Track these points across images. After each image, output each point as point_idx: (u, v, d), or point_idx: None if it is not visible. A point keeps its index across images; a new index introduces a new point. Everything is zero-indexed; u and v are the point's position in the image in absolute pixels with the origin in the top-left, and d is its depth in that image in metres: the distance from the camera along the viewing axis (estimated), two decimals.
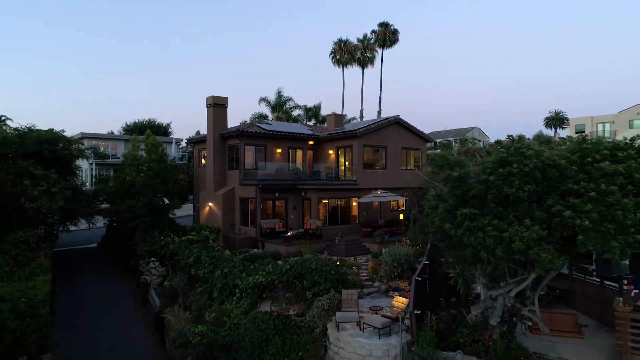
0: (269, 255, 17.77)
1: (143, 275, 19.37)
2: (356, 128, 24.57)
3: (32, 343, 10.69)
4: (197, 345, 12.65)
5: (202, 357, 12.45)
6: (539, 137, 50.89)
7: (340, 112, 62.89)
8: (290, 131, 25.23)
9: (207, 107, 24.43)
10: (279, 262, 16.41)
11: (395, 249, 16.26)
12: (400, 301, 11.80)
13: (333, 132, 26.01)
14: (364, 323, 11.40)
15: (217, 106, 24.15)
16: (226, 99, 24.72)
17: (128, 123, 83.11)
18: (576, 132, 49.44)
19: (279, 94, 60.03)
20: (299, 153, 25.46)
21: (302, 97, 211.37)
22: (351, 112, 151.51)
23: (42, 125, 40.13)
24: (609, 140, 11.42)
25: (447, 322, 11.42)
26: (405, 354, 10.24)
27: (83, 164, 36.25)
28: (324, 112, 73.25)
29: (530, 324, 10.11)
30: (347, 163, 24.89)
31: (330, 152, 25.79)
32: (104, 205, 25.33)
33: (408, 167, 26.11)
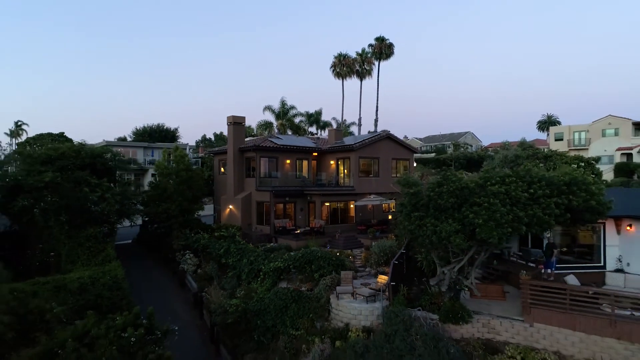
0: (282, 248, 22.32)
1: (180, 264, 23.98)
2: (353, 142, 29.17)
3: (124, 306, 15.24)
4: (234, 312, 17.20)
5: (238, 320, 17.03)
6: (522, 144, 55.31)
7: (340, 119, 67.62)
8: (297, 145, 29.82)
9: (227, 125, 29.03)
10: (291, 253, 20.99)
11: (382, 243, 20.84)
12: (382, 278, 16.37)
13: (333, 145, 30.60)
14: (356, 293, 15.98)
15: (236, 124, 28.77)
16: (243, 117, 29.34)
17: (137, 127, 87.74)
18: (555, 140, 54.09)
19: (283, 103, 64.59)
20: (305, 163, 30.05)
21: (304, 103, 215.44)
22: (351, 117, 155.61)
23: (53, 129, 44.56)
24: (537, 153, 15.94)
25: (416, 292, 15.96)
26: (384, 312, 14.79)
27: None
28: (324, 117, 78.01)
29: (467, 290, 14.68)
30: (345, 171, 29.46)
31: (331, 162, 30.37)
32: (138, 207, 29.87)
33: (397, 175, 30.64)
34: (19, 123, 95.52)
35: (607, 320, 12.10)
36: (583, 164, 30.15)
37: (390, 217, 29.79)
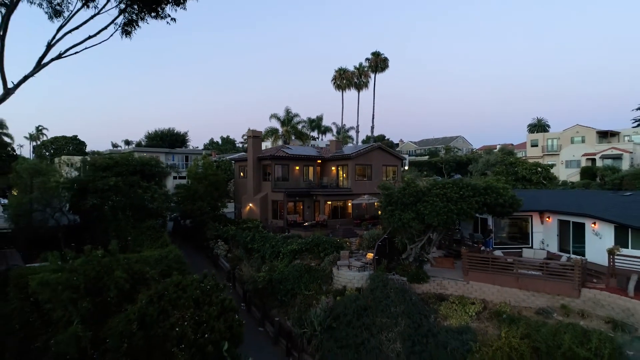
0: (295, 236, 28.74)
1: (214, 250, 30.43)
2: (350, 152, 35.63)
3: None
4: (262, 281, 23.60)
5: (265, 287, 23.44)
6: (503, 149, 61.80)
7: (340, 123, 74.12)
8: (304, 154, 36.29)
9: (247, 137, 35.49)
10: (302, 239, 27.39)
11: (372, 232, 27.27)
12: (370, 255, 22.81)
13: (334, 154, 37.06)
14: (351, 266, 22.41)
15: (255, 137, 35.26)
16: (260, 132, 35.86)
17: (150, 132, 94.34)
18: (531, 146, 60.58)
19: (287, 112, 71.07)
20: (311, 169, 36.50)
21: (304, 104, 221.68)
22: (350, 121, 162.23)
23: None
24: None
25: (393, 264, 22.40)
26: (370, 277, 21.21)
27: None
28: (325, 122, 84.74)
29: (428, 262, 21.13)
30: (344, 176, 35.88)
31: (332, 168, 36.81)
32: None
33: (386, 178, 37.09)
34: (40, 127, 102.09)
35: (514, 277, 18.56)
36: (540, 169, 36.58)
37: (380, 212, 36.31)
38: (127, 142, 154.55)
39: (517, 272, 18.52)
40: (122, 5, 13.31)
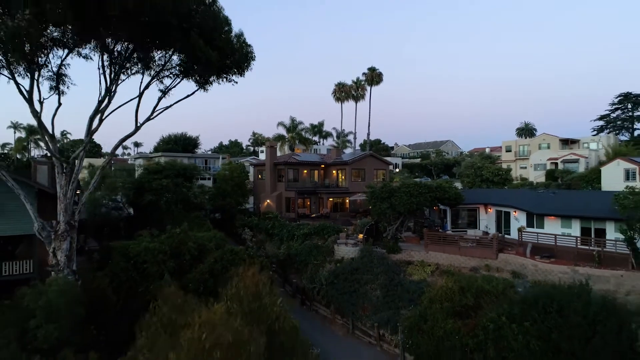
0: (305, 224, 37.49)
1: (242, 236, 39.24)
2: (347, 159, 44.41)
3: None
4: (282, 254, 32.38)
5: (285, 259, 32.21)
6: (482, 154, 70.45)
7: (339, 128, 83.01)
8: (310, 160, 45.09)
9: (265, 147, 44.25)
10: (310, 226, 36.14)
11: (363, 220, 36.03)
12: (360, 236, 31.60)
13: (334, 160, 45.85)
14: (347, 243, 31.19)
15: (272, 147, 44.09)
16: (276, 143, 44.63)
17: (164, 136, 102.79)
18: (506, 151, 69.36)
19: (293, 120, 79.92)
20: (316, 172, 45.27)
21: (308, 116, 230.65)
22: (349, 126, 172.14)
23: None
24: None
25: (378, 242, 31.16)
26: (360, 250, 29.94)
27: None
28: (326, 127, 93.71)
29: (400, 238, 29.93)
30: (342, 177, 44.60)
31: (333, 171, 45.57)
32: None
33: (377, 180, 45.82)
34: (64, 132, 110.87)
35: (457, 247, 27.33)
36: (501, 172, 45.40)
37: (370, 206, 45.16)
38: (137, 144, 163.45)
39: (459, 245, 27.32)
40: (204, 80, 22.05)
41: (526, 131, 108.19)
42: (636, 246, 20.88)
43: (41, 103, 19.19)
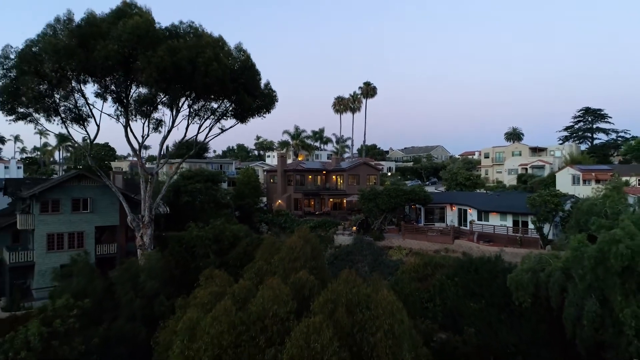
0: (310, 220, 46.80)
1: (259, 229, 48.58)
2: (345, 167, 53.80)
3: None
4: None
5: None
6: (464, 160, 79.85)
7: (338, 134, 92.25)
8: (314, 167, 54.47)
9: (277, 157, 53.61)
10: (314, 221, 45.42)
11: (356, 217, 45.35)
12: (354, 229, 40.97)
13: (334, 167, 55.23)
14: (344, 233, 40.54)
15: (282, 157, 53.46)
16: (285, 152, 53.86)
17: (176, 141, 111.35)
18: (484, 157, 78.77)
19: (297, 128, 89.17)
20: (319, 177, 54.64)
21: (309, 116, 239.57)
22: (347, 132, 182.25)
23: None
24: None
25: (367, 233, 40.49)
26: (354, 239, 39.28)
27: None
28: (326, 133, 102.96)
29: (384, 230, 39.29)
30: (341, 181, 53.93)
31: (333, 176, 54.93)
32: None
33: (369, 184, 55.19)
34: (85, 138, 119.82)
35: (426, 235, 36.69)
36: (472, 177, 54.81)
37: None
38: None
39: (427, 234, 36.69)
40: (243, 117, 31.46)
41: (514, 136, 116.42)
42: (543, 232, 30.28)
43: (143, 137, 28.82)
